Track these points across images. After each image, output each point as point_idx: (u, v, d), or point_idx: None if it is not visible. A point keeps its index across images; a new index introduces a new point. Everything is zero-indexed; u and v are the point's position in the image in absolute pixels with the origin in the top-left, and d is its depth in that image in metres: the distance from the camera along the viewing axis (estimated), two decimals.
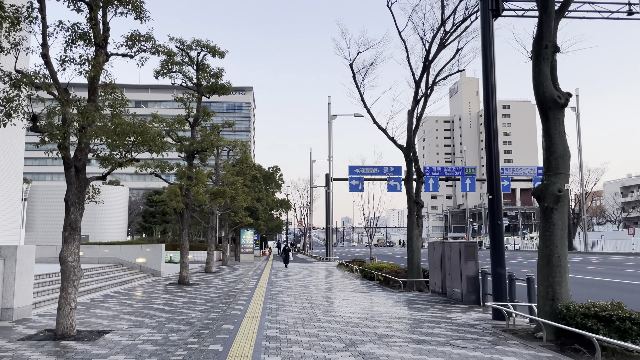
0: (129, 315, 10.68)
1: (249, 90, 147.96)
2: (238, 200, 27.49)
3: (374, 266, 21.73)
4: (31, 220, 40.71)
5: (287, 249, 31.53)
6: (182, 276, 18.30)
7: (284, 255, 31.31)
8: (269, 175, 58.03)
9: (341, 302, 13.35)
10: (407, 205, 17.25)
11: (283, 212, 70.97)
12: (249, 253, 41.17)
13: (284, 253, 31.69)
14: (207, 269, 25.24)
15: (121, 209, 43.05)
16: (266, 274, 24.08)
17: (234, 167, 31.38)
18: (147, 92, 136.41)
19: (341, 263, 32.05)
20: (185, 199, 18.14)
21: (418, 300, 13.88)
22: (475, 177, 48.42)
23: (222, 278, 21.60)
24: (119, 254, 22.04)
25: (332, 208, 45.20)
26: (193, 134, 18.78)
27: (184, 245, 18.59)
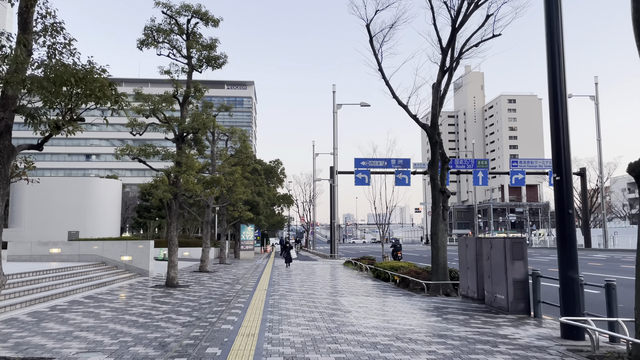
0: (88, 332, 8.25)
1: (250, 85, 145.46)
2: (236, 193, 25.03)
3: (388, 265, 19.30)
4: (17, 215, 38.41)
5: (289, 246, 27.67)
6: (170, 277, 15.88)
7: (286, 253, 27.33)
8: (270, 170, 55.58)
9: (358, 310, 10.91)
10: (431, 196, 14.78)
11: (285, 207, 68.74)
12: (249, 250, 38.77)
13: (285, 251, 27.74)
14: (202, 267, 22.83)
15: (114, 204, 40.80)
16: (267, 274, 21.67)
17: (232, 157, 28.92)
18: (147, 86, 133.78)
19: (348, 261, 29.63)
20: (173, 188, 15.71)
21: (450, 307, 11.43)
22: (487, 170, 45.92)
23: (218, 278, 19.18)
24: (102, 252, 19.64)
25: (337, 202, 42.78)
26: (183, 114, 16.33)
27: (172, 241, 16.17)
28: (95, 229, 38.58)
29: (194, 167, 15.49)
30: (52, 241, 20.27)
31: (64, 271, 15.64)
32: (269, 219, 57.06)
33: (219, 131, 25.05)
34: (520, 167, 45.71)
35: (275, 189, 56.22)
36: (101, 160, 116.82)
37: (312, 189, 78.22)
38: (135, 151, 15.43)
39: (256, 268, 25.69)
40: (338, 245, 42.61)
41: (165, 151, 15.67)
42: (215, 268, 25.33)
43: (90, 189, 39.21)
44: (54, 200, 38.50)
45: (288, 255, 26.63)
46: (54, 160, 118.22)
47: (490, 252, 11.22)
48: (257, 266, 27.52)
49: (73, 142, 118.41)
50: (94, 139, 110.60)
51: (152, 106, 15.35)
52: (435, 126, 14.44)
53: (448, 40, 14.00)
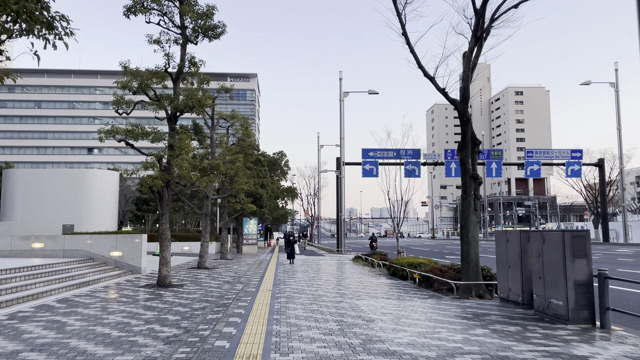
0: (39, 352, 6.36)
1: (252, 77, 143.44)
2: (238, 183, 23.12)
3: (406, 262, 17.39)
4: (9, 208, 36.62)
5: (293, 240, 24.72)
6: (162, 276, 14.01)
7: (289, 247, 24.49)
8: (274, 162, 53.66)
9: (382, 318, 9.00)
10: (461, 182, 12.82)
11: (289, 200, 66.93)
12: (252, 244, 36.91)
13: (288, 246, 24.69)
14: (201, 264, 20.98)
15: (111, 196, 39.01)
16: (271, 271, 19.79)
17: (234, 145, 26.99)
18: None
19: (358, 256, 27.75)
20: (164, 175, 13.80)
21: (492, 315, 9.50)
22: (501, 161, 43.87)
23: (217, 276, 17.32)
24: (89, 247, 17.78)
25: (343, 194, 40.85)
26: (175, 90, 14.38)
27: (164, 234, 14.28)
28: (91, 223, 36.76)
29: (188, 150, 13.56)
30: (35, 235, 18.44)
31: (42, 269, 13.78)
32: (273, 213, 55.28)
33: (219, 117, 23.07)
34: (536, 157, 43.63)
35: (278, 181, 54.39)
36: (103, 154, 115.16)
37: (316, 181, 76.36)
38: (122, 132, 13.52)
39: (259, 264, 23.82)
40: (345, 239, 40.70)
41: (156, 132, 13.74)
42: (216, 264, 23.48)
43: (86, 181, 37.34)
44: (48, 192, 36.70)
45: (292, 251, 24.34)
46: (55, 154, 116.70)
47: (542, 248, 9.26)
48: (260, 262, 25.66)
49: (74, 135, 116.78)
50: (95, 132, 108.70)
51: (139, 81, 13.39)
52: (466, 101, 12.46)
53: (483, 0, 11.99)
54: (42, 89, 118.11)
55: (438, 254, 35.13)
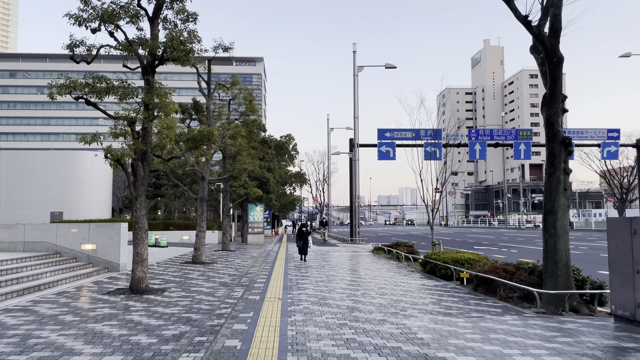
0: None
1: (259, 61, 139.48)
2: (240, 162, 19.62)
3: (449, 257, 13.86)
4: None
5: (306, 232, 19.10)
6: (136, 278, 10.58)
7: (301, 241, 18.68)
8: (281, 145, 50.06)
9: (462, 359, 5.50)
10: (546, 150, 9.22)
11: (297, 187, 63.55)
12: (258, 233, 33.52)
13: (301, 238, 18.72)
14: (196, 258, 17.58)
15: (103, 181, 35.77)
16: (280, 266, 16.34)
17: (236, 121, 23.46)
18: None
19: (378, 248, 24.27)
20: (138, 144, 10.30)
21: (626, 347, 5.97)
22: (531, 141, 40.03)
23: (213, 275, 13.89)
24: (55, 238, 14.39)
25: (358, 179, 37.27)
26: (153, 32, 10.79)
27: (138, 224, 10.79)
28: (82, 209, 33.56)
29: (168, 111, 10.05)
30: None
31: None
32: (280, 199, 51.87)
33: (217, 85, 19.42)
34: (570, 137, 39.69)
35: (286, 166, 50.96)
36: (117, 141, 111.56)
37: (326, 167, 72.82)
38: (80, 87, 10.00)
39: (266, 257, 20.41)
40: (358, 228, 37.20)
41: (126, 87, 10.19)
42: (215, 257, 20.08)
43: (76, 164, 34.10)
44: (34, 176, 33.47)
45: (304, 246, 18.68)
46: (52, 140, 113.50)
47: None
48: (267, 254, 22.24)
49: (71, 122, 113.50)
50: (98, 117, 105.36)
51: (100, 14, 9.81)
52: (557, 35, 8.78)
53: None
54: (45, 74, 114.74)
55: (463, 244, 31.60)
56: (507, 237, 42.81)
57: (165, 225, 32.81)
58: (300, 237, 18.92)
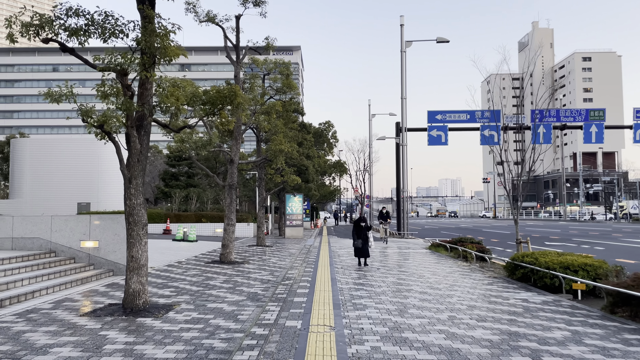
0: None
1: (296, 50, 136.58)
2: (275, 142, 16.54)
3: (552, 261, 10.34)
4: (18, 184, 31.69)
5: (367, 226, 14.46)
6: (130, 292, 7.60)
7: (360, 240, 14.00)
8: (320, 133, 46.79)
9: None
10: None
11: (337, 177, 60.35)
12: (297, 226, 30.54)
13: (360, 235, 14.07)
14: (224, 256, 14.66)
15: None
16: (325, 267, 13.18)
17: (271, 99, 20.37)
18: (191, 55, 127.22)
19: (437, 244, 20.80)
20: (130, 104, 7.28)
21: None
22: (603, 123, 35.34)
23: (241, 281, 10.85)
24: (49, 233, 11.67)
25: (406, 166, 33.66)
26: None
27: (133, 217, 7.77)
28: (110, 201, 31.37)
29: (168, 52, 6.98)
30: None
31: None
32: (320, 190, 48.84)
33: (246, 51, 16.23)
34: None
35: (325, 155, 47.81)
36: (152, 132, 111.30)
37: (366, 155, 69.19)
38: (47, 23, 7.05)
39: (307, 254, 17.31)
40: (407, 220, 33.60)
41: (113, 24, 7.16)
42: (247, 255, 17.15)
43: (103, 152, 31.79)
44: (60, 165, 31.50)
45: (364, 245, 13.97)
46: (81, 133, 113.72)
47: None
48: (307, 250, 19.16)
49: None
50: None
51: None
52: None
53: None
54: None
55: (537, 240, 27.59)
56: (576, 230, 38.29)
57: (197, 217, 30.26)
58: (359, 233, 14.08)
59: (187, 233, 23.31)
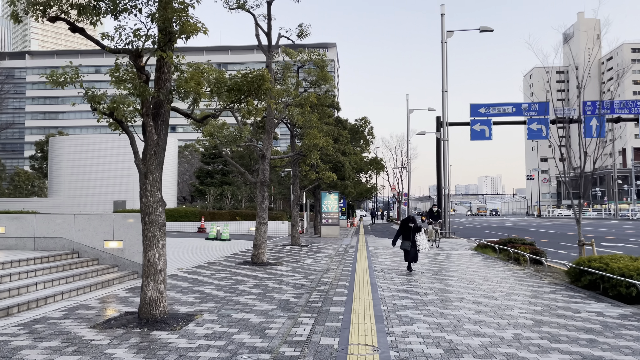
0: None
1: (331, 47, 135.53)
2: (309, 136, 15.57)
3: (628, 267, 8.94)
4: (56, 182, 31.94)
5: (415, 228, 12.51)
6: (147, 300, 6.76)
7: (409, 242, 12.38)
8: (356, 130, 45.57)
9: None
10: None
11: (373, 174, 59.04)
12: (333, 225, 29.59)
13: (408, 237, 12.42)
14: (255, 257, 13.81)
15: (169, 166, 33.31)
16: (363, 271, 12.13)
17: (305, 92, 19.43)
18: (227, 54, 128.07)
19: (484, 245, 19.38)
20: (145, 89, 6.42)
21: None
22: None
23: (272, 286, 9.93)
24: (72, 233, 11.07)
25: (447, 161, 32.16)
26: None
27: (149, 216, 6.94)
28: None
29: (185, 29, 6.10)
30: None
31: None
32: (356, 187, 47.71)
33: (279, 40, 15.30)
34: None
35: (361, 153, 46.59)
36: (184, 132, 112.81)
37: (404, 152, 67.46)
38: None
39: (343, 255, 16.29)
40: (449, 219, 32.06)
41: None
42: (281, 255, 16.28)
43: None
44: (97, 163, 31.56)
45: (413, 248, 12.33)
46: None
47: None
48: (344, 251, 18.15)
49: None
50: None
51: None
52: None
53: None
54: None
55: None
56: (632, 230, 35.77)
57: (231, 215, 29.71)
58: (407, 235, 12.38)
59: (221, 232, 22.68)
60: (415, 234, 12.45)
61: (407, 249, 12.39)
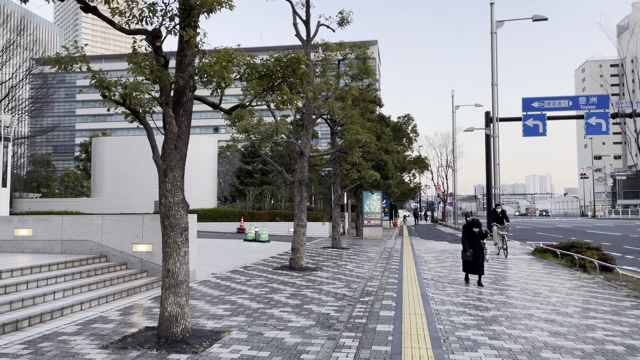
0: None
1: (373, 45, 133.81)
2: (350, 132, 14.52)
3: None
4: (99, 182, 32.17)
5: (480, 233, 10.65)
6: (166, 316, 5.89)
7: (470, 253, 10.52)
8: (398, 128, 44.02)
9: None
10: None
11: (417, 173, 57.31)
12: (375, 226, 28.41)
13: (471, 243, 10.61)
14: (294, 261, 12.90)
15: (208, 166, 32.95)
16: (411, 278, 10.98)
17: (346, 85, 18.40)
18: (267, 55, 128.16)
19: (542, 249, 17.76)
20: (163, 73, 5.54)
21: None
22: None
23: (310, 296, 8.96)
24: (100, 236, 10.46)
25: (497, 159, 30.34)
26: None
27: (169, 219, 6.09)
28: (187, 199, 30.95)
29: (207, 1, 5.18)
30: (19, 216, 11.67)
31: None
32: (399, 187, 46.23)
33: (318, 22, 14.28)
34: None
35: (404, 151, 45.04)
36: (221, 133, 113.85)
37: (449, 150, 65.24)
38: None
39: (388, 259, 15.15)
40: None
41: None
42: (321, 259, 15.31)
43: None
44: (138, 163, 31.57)
45: (476, 259, 10.53)
46: None
47: None
48: (388, 254, 16.99)
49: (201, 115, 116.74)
50: None
51: None
52: None
53: None
54: None
55: None
56: None
57: (270, 216, 29.02)
58: (471, 241, 10.63)
59: (259, 232, 21.95)
60: (481, 238, 10.66)
61: (470, 260, 10.54)
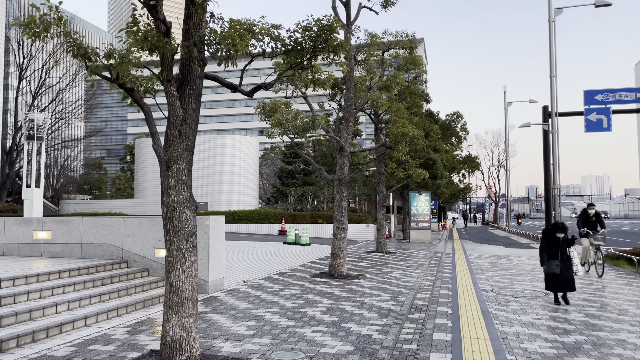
0: None
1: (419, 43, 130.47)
2: (396, 124, 13.16)
3: None
4: (142, 183, 32.10)
5: (566, 238, 8.76)
6: (169, 341, 4.81)
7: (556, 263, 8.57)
8: (447, 126, 41.95)
9: None
10: None
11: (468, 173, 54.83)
12: (424, 229, 26.75)
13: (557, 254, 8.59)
14: (333, 268, 11.67)
15: (249, 167, 32.29)
16: (467, 288, 9.53)
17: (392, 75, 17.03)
18: None
19: (615, 256, 15.77)
20: (161, 41, 4.44)
21: None
22: None
23: (350, 311, 7.71)
24: (121, 239, 9.59)
25: (557, 156, 27.99)
26: None
27: (173, 222, 5.03)
28: (227, 200, 30.42)
29: None
30: (37, 218, 11.02)
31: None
32: (448, 187, 44.16)
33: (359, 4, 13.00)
34: None
35: (453, 150, 42.92)
36: None
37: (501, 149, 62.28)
38: None
39: (438, 266, 13.66)
40: None
41: None
42: (364, 265, 14.00)
43: (220, 149, 31.05)
44: None
45: (564, 271, 8.54)
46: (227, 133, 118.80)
47: None
48: (439, 260, 15.48)
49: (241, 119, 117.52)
50: None
51: None
52: None
53: None
54: None
55: None
56: None
57: (312, 217, 27.94)
58: (556, 250, 8.69)
59: (299, 235, 20.86)
60: (567, 245, 8.74)
61: (556, 272, 8.56)
